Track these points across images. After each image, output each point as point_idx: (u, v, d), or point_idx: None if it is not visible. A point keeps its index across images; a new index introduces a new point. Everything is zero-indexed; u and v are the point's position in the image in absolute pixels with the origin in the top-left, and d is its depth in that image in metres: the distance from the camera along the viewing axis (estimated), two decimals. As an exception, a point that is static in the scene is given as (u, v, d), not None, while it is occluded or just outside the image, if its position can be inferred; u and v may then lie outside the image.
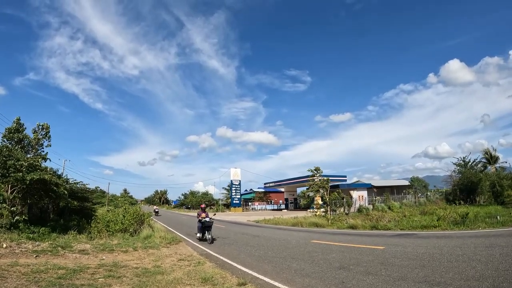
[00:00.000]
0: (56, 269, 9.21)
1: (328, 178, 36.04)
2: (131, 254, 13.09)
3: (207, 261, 11.67)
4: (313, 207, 39.26)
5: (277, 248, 14.40)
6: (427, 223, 19.68)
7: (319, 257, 11.48)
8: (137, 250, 14.06)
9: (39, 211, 23.24)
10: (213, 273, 9.19)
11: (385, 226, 21.17)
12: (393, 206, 35.78)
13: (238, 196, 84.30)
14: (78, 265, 10.16)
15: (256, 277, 8.76)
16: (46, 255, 11.48)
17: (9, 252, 11.31)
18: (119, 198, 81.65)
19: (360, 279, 7.80)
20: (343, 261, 10.34)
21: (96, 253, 12.66)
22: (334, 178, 53.79)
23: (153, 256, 12.79)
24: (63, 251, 12.31)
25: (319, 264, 10.17)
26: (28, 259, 10.58)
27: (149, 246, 14.95)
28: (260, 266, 10.31)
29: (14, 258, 10.45)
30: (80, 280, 8.15)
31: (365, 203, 47.49)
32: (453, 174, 44.73)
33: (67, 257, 11.55)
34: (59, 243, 13.79)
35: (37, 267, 9.28)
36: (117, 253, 12.95)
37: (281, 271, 9.46)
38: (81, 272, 9.11)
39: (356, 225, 22.81)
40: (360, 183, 59.58)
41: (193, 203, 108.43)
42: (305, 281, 8.00)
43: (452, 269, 8.06)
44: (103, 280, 8.29)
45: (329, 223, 26.20)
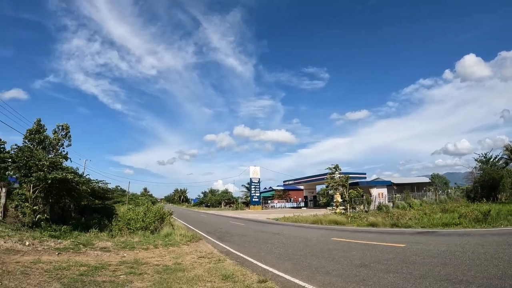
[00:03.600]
0: (78, 266, 9.48)
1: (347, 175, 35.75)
2: (151, 251, 13.30)
3: (227, 258, 11.78)
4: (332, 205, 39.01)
5: (297, 246, 14.40)
6: (448, 220, 19.37)
7: (339, 254, 11.45)
8: (158, 247, 14.26)
9: (61, 210, 23.75)
10: (234, 270, 9.27)
11: (406, 224, 20.93)
12: (413, 204, 35.32)
13: (257, 194, 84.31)
14: (99, 262, 10.43)
15: (277, 274, 8.82)
16: (68, 252, 11.79)
17: (31, 249, 11.65)
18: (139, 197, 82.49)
19: (381, 277, 7.77)
20: (363, 259, 10.29)
21: (117, 250, 12.92)
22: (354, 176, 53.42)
23: (173, 253, 12.96)
24: (85, 249, 12.61)
25: (340, 261, 10.15)
26: (51, 256, 10.90)
27: (169, 244, 15.14)
28: (280, 264, 10.35)
29: (37, 255, 10.77)
30: (101, 277, 8.38)
31: (385, 200, 46.98)
32: (474, 171, 43.84)
33: (88, 254, 11.84)
34: (80, 241, 14.13)
35: (59, 264, 9.58)
36: (138, 251, 13.18)
37: (301, 268, 9.48)
38: (103, 269, 9.36)
39: (376, 222, 22.63)
40: (379, 181, 59.08)
41: (213, 202, 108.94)
42: (326, 279, 8.01)
43: (474, 267, 7.96)
44: (124, 277, 8.50)
45: (349, 221, 26.01)
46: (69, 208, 25.35)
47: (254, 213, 59.09)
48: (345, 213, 29.87)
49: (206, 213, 67.08)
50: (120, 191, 55.13)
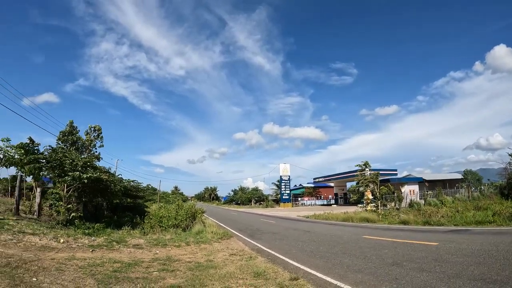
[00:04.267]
0: (111, 262, 9.62)
1: (378, 172, 35.18)
2: (183, 248, 13.39)
3: (259, 255, 11.74)
4: (363, 202, 38.49)
5: (328, 244, 14.25)
6: (482, 218, 18.81)
7: (371, 252, 11.27)
8: (190, 245, 14.35)
9: (94, 208, 24.22)
10: (265, 267, 9.23)
11: (438, 221, 20.52)
12: (445, 201, 34.33)
13: (287, 192, 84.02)
14: (132, 259, 10.55)
15: (308, 272, 8.73)
16: (101, 249, 12.01)
17: (66, 246, 11.90)
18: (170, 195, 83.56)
19: (414, 276, 7.61)
20: (395, 257, 10.11)
21: (150, 247, 13.07)
22: (384, 172, 52.53)
23: (205, 250, 13.01)
24: (118, 246, 12.82)
25: (372, 260, 9.98)
26: (85, 253, 11.09)
27: (201, 241, 15.22)
28: (312, 261, 10.24)
29: (71, 252, 10.97)
30: (135, 273, 8.47)
31: (416, 197, 45.95)
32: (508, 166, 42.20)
33: (122, 251, 12.02)
34: (114, 238, 14.38)
35: (93, 260, 9.73)
36: (170, 248, 13.29)
37: (333, 266, 9.37)
38: (136, 265, 9.47)
39: (408, 220, 22.31)
40: (411, 177, 57.95)
41: (243, 199, 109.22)
42: (358, 277, 7.89)
43: (509, 267, 7.68)
44: (157, 274, 8.55)
45: (380, 218, 25.66)
46: (102, 207, 25.83)
47: (285, 211, 58.96)
48: (376, 210, 29.54)
49: (237, 210, 67.34)
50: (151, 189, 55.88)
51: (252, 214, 50.15)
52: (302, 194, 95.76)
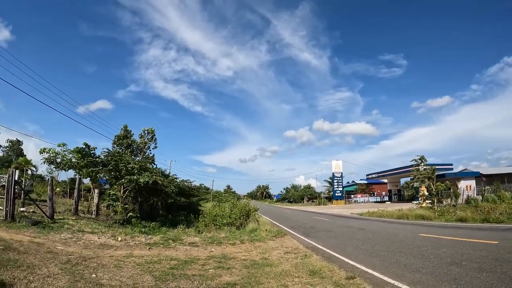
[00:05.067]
0: (168, 260, 9.74)
1: (434, 167, 33.79)
2: (238, 246, 13.36)
3: (314, 254, 11.51)
4: (418, 199, 37.14)
5: (384, 242, 13.80)
6: (545, 215, 17.69)
7: (428, 251, 10.82)
8: (244, 243, 14.31)
9: (149, 207, 24.83)
10: (321, 266, 9.01)
11: (497, 219, 19.60)
12: (504, 197, 32.39)
13: (340, 189, 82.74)
14: (189, 256, 10.63)
15: (365, 271, 8.46)
16: (158, 247, 12.21)
17: (124, 244, 12.21)
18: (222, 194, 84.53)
19: (474, 276, 7.25)
20: (454, 256, 9.69)
21: (205, 245, 13.14)
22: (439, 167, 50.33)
23: (260, 248, 12.92)
24: (174, 244, 12.99)
25: (429, 259, 9.58)
26: (142, 251, 11.31)
27: (255, 239, 15.16)
28: (368, 260, 9.92)
29: (129, 250, 11.22)
30: (191, 271, 8.50)
31: (473, 193, 43.81)
32: None
33: (178, 249, 12.16)
34: (169, 236, 14.63)
35: (150, 258, 9.90)
36: (225, 246, 13.29)
37: (389, 265, 9.06)
38: (192, 263, 9.51)
39: (466, 217, 21.40)
40: (467, 172, 55.19)
41: (295, 197, 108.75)
42: (416, 277, 7.59)
43: None
44: (213, 271, 8.53)
45: (436, 216, 24.65)
46: (157, 206, 26.45)
47: (337, 208, 58.15)
48: (431, 207, 28.51)
49: (289, 208, 67.13)
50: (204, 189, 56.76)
51: (305, 212, 49.77)
52: (355, 191, 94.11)
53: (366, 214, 34.02)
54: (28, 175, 34.83)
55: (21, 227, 12.92)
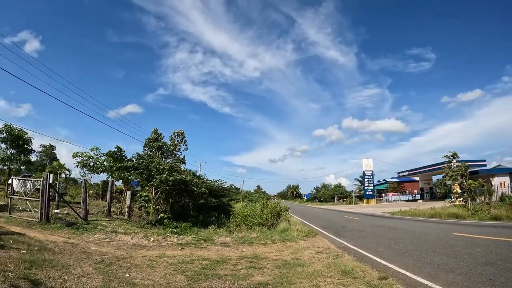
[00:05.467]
0: (200, 260, 9.81)
1: (466, 163, 32.86)
2: (270, 246, 13.31)
3: (346, 254, 11.35)
4: (450, 197, 36.19)
5: (416, 241, 13.48)
6: None
7: (462, 251, 10.50)
8: (276, 242, 14.24)
9: (180, 208, 25.09)
10: (353, 266, 8.87)
11: None
12: None
13: (371, 187, 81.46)
14: (220, 256, 10.66)
15: (397, 271, 8.27)
16: (190, 247, 12.32)
17: (156, 245, 12.36)
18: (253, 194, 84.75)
19: (510, 277, 7.03)
20: (489, 256, 9.37)
21: (237, 245, 13.16)
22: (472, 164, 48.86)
23: (291, 248, 12.83)
24: (206, 244, 13.08)
25: (463, 259, 9.29)
26: (174, 251, 11.42)
27: (286, 239, 15.07)
28: (400, 260, 9.70)
29: (161, 250, 11.35)
30: (223, 271, 8.52)
31: (508, 190, 42.45)
32: None
33: (209, 249, 12.22)
34: (201, 236, 14.75)
35: (182, 258, 9.99)
36: (256, 246, 13.27)
37: (423, 265, 8.84)
38: (224, 263, 9.54)
39: (500, 216, 20.89)
40: (501, 168, 53.38)
41: (326, 196, 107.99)
42: (449, 277, 7.38)
43: None
44: (245, 271, 8.53)
45: (470, 214, 24.07)
46: (188, 207, 26.70)
47: (369, 207, 57.45)
48: (465, 205, 27.81)
49: (320, 208, 66.72)
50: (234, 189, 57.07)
51: (335, 211, 49.32)
52: (386, 190, 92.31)
53: (397, 213, 33.48)
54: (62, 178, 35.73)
55: (55, 228, 13.26)
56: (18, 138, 27.53)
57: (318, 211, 51.65)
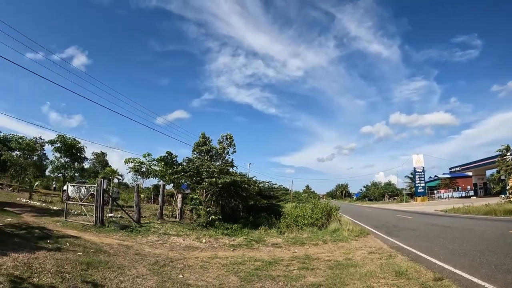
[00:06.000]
0: (252, 261, 9.81)
1: (524, 156, 31.12)
2: (321, 247, 13.15)
3: (399, 254, 11.02)
4: (505, 192, 34.41)
5: (471, 240, 12.88)
6: None
7: None
8: (327, 243, 14.06)
9: (231, 210, 25.31)
10: (407, 266, 8.58)
11: None
12: None
13: (422, 185, 78.65)
14: (272, 257, 10.63)
15: (453, 271, 7.94)
16: (242, 248, 12.40)
17: (208, 246, 12.52)
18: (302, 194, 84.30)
19: None
20: None
21: (288, 246, 13.09)
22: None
23: (343, 249, 12.62)
24: (257, 245, 13.10)
25: None
26: (226, 252, 11.51)
27: (338, 239, 14.85)
28: (455, 260, 9.28)
29: (213, 251, 11.47)
30: (275, 272, 8.48)
31: None
32: None
33: (261, 250, 12.23)
34: (252, 237, 14.80)
35: (234, 259, 10.04)
36: (308, 246, 13.15)
37: (479, 265, 8.42)
38: (276, 264, 9.48)
39: None
40: None
41: (376, 195, 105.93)
42: (507, 278, 7.03)
43: None
44: (297, 272, 8.46)
45: (528, 211, 22.74)
46: (238, 208, 26.91)
47: (420, 205, 55.71)
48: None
49: (370, 207, 65.48)
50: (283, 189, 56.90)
51: (386, 210, 48.20)
52: (438, 186, 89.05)
53: (450, 211, 32.25)
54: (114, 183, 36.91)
55: (110, 231, 13.72)
56: (71, 147, 28.91)
57: (368, 210, 50.73)
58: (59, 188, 36.81)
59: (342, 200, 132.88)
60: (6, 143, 32.68)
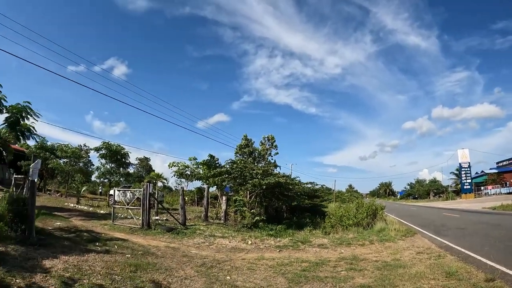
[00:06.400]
0: (299, 262, 9.74)
1: None
2: (368, 247, 12.91)
3: (448, 254, 10.65)
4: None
5: (523, 239, 12.33)
6: None
7: None
8: (373, 243, 13.79)
9: (274, 211, 25.31)
10: (457, 267, 8.27)
11: None
12: None
13: (468, 181, 75.55)
14: (319, 258, 10.52)
15: (505, 272, 7.61)
16: (287, 249, 12.33)
17: (254, 247, 12.55)
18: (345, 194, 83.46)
19: None
20: None
21: (334, 247, 12.92)
22: None
23: (390, 249, 12.34)
24: (303, 246, 13.00)
25: None
26: (272, 253, 11.49)
27: (384, 239, 14.54)
28: (508, 260, 8.82)
29: (260, 252, 11.49)
30: (323, 273, 8.39)
31: None
32: None
33: (307, 251, 12.13)
34: (298, 238, 14.70)
35: (281, 260, 9.99)
36: (354, 247, 12.94)
37: None
38: (323, 265, 9.38)
39: None
40: None
41: (420, 192, 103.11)
42: None
43: None
44: (345, 273, 8.34)
45: None
46: (281, 209, 26.87)
47: (467, 203, 53.82)
48: None
49: (415, 205, 63.91)
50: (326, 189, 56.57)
51: (432, 208, 46.87)
52: (485, 182, 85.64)
53: (499, 208, 30.99)
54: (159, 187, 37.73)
55: (156, 234, 14.00)
56: (116, 153, 30.02)
57: (413, 208, 49.50)
58: (105, 193, 38.19)
59: (386, 198, 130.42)
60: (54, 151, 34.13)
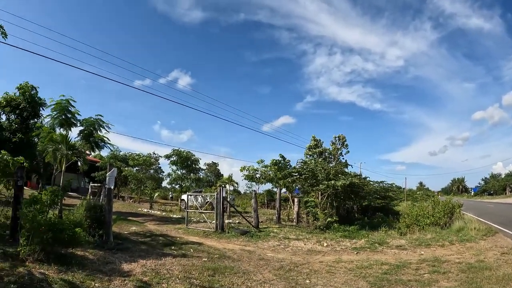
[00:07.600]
0: (379, 264, 9.44)
1: None
2: (448, 248, 12.31)
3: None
4: None
5: None
6: None
7: None
8: (454, 243, 13.13)
9: (346, 211, 24.87)
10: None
11: None
12: None
13: (549, 173, 70.35)
14: (399, 260, 10.13)
15: None
16: (365, 251, 12.01)
17: (330, 250, 12.35)
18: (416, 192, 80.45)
19: None
20: None
21: (413, 248, 12.41)
22: None
23: (472, 249, 11.68)
24: (381, 247, 12.60)
25: None
26: (349, 255, 11.24)
27: (464, 239, 13.79)
28: None
29: (337, 255, 11.27)
30: (405, 276, 8.08)
31: None
32: None
33: (386, 253, 11.74)
34: (374, 239, 14.28)
35: (360, 263, 9.74)
36: (434, 248, 12.37)
37: None
38: (404, 267, 9.02)
39: None
40: None
41: (496, 188, 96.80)
42: None
43: None
44: (428, 276, 8.01)
45: None
46: (352, 210, 26.35)
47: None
48: None
49: (491, 202, 60.27)
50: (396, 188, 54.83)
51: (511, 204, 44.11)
52: None
53: None
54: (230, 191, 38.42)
55: (230, 237, 14.23)
56: (186, 159, 30.97)
57: (490, 206, 46.67)
58: (176, 198, 39.62)
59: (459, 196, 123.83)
60: (126, 161, 36.33)
